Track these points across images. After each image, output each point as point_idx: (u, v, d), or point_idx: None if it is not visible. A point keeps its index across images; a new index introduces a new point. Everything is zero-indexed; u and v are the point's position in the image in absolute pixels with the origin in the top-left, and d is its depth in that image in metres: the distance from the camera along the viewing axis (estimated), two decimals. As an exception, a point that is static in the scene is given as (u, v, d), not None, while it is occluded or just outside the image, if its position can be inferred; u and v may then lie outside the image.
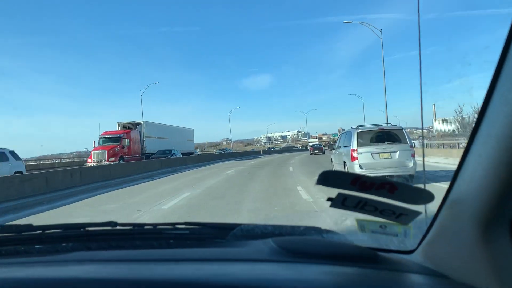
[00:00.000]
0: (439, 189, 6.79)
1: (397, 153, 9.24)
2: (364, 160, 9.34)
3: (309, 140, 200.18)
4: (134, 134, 31.74)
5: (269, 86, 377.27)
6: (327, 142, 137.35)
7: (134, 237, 1.24)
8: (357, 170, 9.24)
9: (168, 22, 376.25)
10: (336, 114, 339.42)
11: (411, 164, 9.20)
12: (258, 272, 0.94)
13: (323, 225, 1.27)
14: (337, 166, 11.46)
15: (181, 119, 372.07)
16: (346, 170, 9.68)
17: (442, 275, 0.90)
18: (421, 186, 0.87)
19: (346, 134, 10.93)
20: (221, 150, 73.97)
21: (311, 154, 41.35)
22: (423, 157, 3.89)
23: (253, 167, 22.87)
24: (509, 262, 0.77)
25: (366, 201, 0.90)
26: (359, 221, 1.04)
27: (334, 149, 13.36)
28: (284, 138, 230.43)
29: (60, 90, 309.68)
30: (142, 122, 34.16)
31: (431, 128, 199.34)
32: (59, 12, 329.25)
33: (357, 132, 9.61)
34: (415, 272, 0.96)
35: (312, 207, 7.35)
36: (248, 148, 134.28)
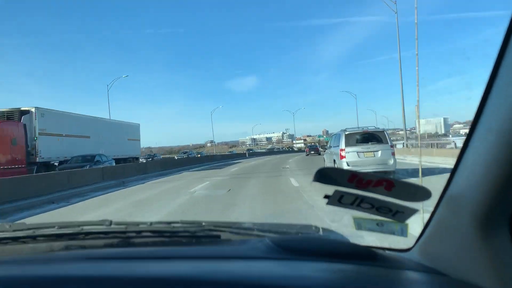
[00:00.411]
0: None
1: (380, 152, 10.48)
2: (351, 158, 10.52)
3: (294, 142, 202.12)
4: (10, 128, 18.87)
5: (254, 88, 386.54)
6: (312, 143, 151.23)
7: (129, 235, 1.23)
8: (345, 167, 10.26)
9: (154, 24, 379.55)
10: (320, 115, 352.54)
11: (391, 162, 10.47)
12: (254, 269, 0.94)
13: (321, 225, 1.25)
14: (329, 164, 12.64)
15: (165, 120, 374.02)
16: (336, 167, 10.27)
17: (439, 272, 0.90)
18: (418, 183, 0.87)
19: (335, 136, 12.19)
20: (184, 153, 56.65)
21: (307, 155, 41.34)
22: (420, 156, 3.85)
23: (235, 177, 16.19)
24: (508, 258, 0.77)
25: (363, 198, 0.90)
26: (356, 219, 1.04)
27: (326, 149, 15.04)
28: (269, 139, 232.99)
29: (41, 93, 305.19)
30: (33, 110, 20.80)
31: (414, 129, 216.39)
32: (42, 12, 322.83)
33: (345, 134, 10.86)
34: (412, 269, 0.96)
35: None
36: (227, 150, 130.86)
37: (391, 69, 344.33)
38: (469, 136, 0.81)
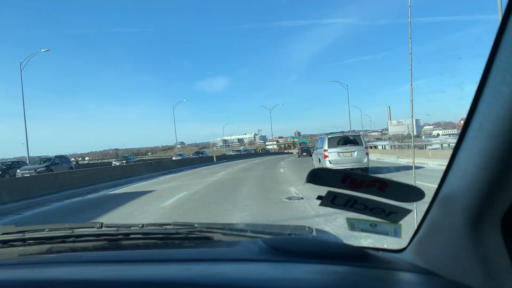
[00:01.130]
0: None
1: (356, 152, 13.24)
2: (332, 158, 13.28)
3: (267, 143, 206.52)
4: None
5: (226, 89, 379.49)
6: (285, 145, 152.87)
7: (121, 238, 1.23)
8: (328, 164, 13.27)
9: (122, 23, 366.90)
10: (291, 117, 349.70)
11: (365, 160, 13.32)
12: (246, 272, 0.94)
13: (314, 225, 1.22)
14: (316, 163, 15.61)
15: (134, 121, 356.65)
16: (320, 165, 13.99)
17: (433, 273, 0.91)
18: (412, 183, 0.88)
19: (321, 139, 15.02)
20: (124, 157, 42.99)
21: (299, 156, 41.59)
22: (413, 157, 3.73)
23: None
24: (500, 259, 0.78)
25: (356, 199, 0.91)
26: (349, 220, 1.05)
27: (313, 150, 18.82)
28: (241, 141, 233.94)
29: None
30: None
31: (386, 130, 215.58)
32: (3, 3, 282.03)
33: (328, 138, 13.79)
34: (405, 270, 0.97)
35: None
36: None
37: (360, 71, 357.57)
38: (461, 136, 0.82)
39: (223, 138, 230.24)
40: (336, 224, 5.34)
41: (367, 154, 13.68)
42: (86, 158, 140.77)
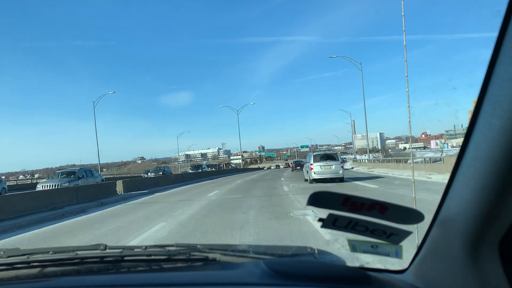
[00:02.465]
0: (361, 185, 12.43)
1: (333, 166, 17.89)
2: (317, 170, 17.89)
3: (231, 158, 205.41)
4: None
5: (189, 103, 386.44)
6: (252, 159, 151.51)
7: (125, 260, 1.24)
8: (313, 175, 18.00)
9: (82, 36, 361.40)
10: (255, 132, 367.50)
11: (341, 172, 18.05)
12: None
13: (315, 245, 1.29)
14: (305, 174, 20.66)
15: (94, 136, 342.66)
16: (308, 175, 18.78)
17: None
18: (412, 206, 0.92)
19: (309, 156, 19.96)
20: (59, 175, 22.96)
21: (293, 170, 42.90)
22: (413, 173, 3.19)
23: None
24: (498, 282, 0.82)
25: (357, 221, 0.94)
26: (350, 241, 1.08)
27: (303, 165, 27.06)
28: (204, 155, 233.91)
29: None
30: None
31: (350, 144, 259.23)
32: None
33: (313, 155, 18.76)
34: None
35: None
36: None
37: (321, 88, 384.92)
38: (457, 162, 0.86)
39: (185, 153, 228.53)
40: (337, 245, 5.05)
41: (342, 167, 18.66)
42: (36, 175, 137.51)
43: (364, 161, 50.32)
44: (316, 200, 0.90)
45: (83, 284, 1.12)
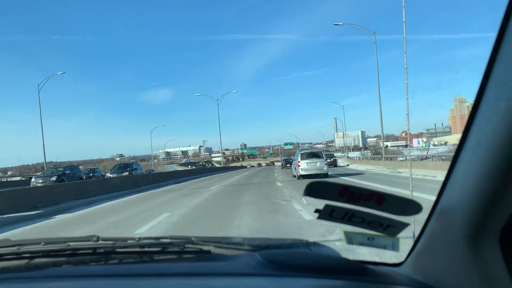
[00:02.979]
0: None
1: (318, 163, 19.95)
2: (303, 166, 19.89)
3: (212, 155, 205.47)
4: None
5: (170, 100, 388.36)
6: (233, 157, 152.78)
7: (117, 251, 1.24)
8: (300, 171, 19.95)
9: (59, 30, 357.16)
10: (237, 130, 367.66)
11: (325, 168, 20.16)
12: (243, 286, 0.97)
13: (311, 238, 1.27)
14: (293, 171, 22.68)
15: (73, 132, 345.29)
16: (296, 171, 20.82)
17: (431, 287, 0.95)
18: (409, 197, 0.91)
19: (297, 154, 22.01)
20: None
21: (283, 168, 45.06)
22: (410, 168, 4.00)
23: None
24: (499, 272, 0.81)
25: (354, 212, 0.93)
26: (346, 233, 1.07)
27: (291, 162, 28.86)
28: (185, 153, 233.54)
29: None
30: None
31: (331, 142, 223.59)
32: None
33: (301, 153, 20.90)
34: (403, 284, 1.01)
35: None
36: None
37: (303, 86, 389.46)
38: (459, 149, 0.85)
39: (165, 150, 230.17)
40: (333, 237, 5.19)
41: (326, 164, 21.08)
42: (9, 173, 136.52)
43: (355, 158, 52.06)
44: (312, 190, 0.89)
45: (75, 275, 1.12)
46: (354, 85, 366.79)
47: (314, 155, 21.26)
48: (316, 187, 0.89)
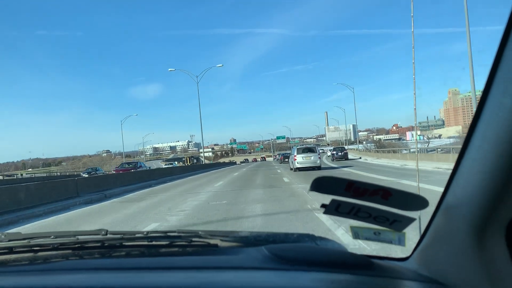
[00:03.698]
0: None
1: (312, 157, 22.67)
2: (299, 160, 22.67)
3: (201, 151, 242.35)
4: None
5: (158, 96, 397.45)
6: (222, 152, 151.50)
7: (125, 245, 1.27)
8: (296, 164, 22.84)
9: (46, 25, 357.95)
10: (226, 124, 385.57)
11: (318, 162, 22.89)
12: (250, 280, 0.99)
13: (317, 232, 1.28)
14: (290, 164, 26.02)
15: (56, 129, 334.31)
16: (293, 165, 23.68)
17: (437, 281, 0.97)
18: (416, 192, 0.93)
19: (293, 149, 25.00)
20: None
21: (281, 163, 47.75)
22: (417, 162, 4.86)
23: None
24: (505, 267, 0.83)
25: (360, 207, 0.95)
26: (353, 228, 1.09)
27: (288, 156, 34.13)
28: (173, 148, 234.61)
29: None
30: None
31: (322, 136, 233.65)
32: None
33: (297, 148, 23.88)
34: (409, 279, 1.03)
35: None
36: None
37: (293, 80, 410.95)
38: (465, 145, 0.86)
39: (153, 146, 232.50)
40: (339, 232, 5.31)
41: (319, 158, 23.81)
42: None
43: (361, 151, 53.01)
44: (319, 185, 0.90)
45: (83, 267, 1.17)
46: (342, 79, 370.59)
47: (309, 150, 24.17)
48: (323, 182, 0.91)
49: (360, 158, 42.66)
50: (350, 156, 45.60)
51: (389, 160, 31.16)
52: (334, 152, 43.97)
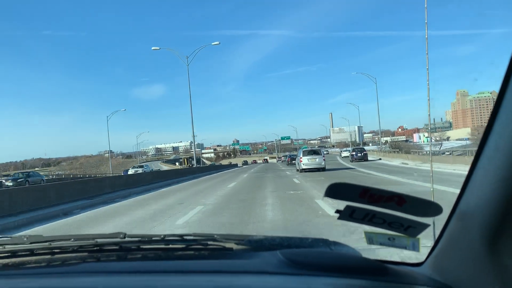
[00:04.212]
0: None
1: (317, 159, 24.63)
2: (305, 162, 24.56)
3: (202, 151, 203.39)
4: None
5: (162, 96, 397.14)
6: (225, 153, 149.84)
7: (143, 248, 1.31)
8: (302, 166, 24.75)
9: (51, 25, 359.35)
10: (230, 126, 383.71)
11: (323, 163, 24.69)
12: (265, 285, 1.02)
13: (331, 237, 1.36)
14: (296, 165, 28.19)
15: (59, 129, 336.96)
16: (298, 166, 26.01)
17: (450, 287, 0.99)
18: (430, 198, 0.95)
19: (299, 151, 27.77)
20: None
21: (288, 164, 47.88)
22: (431, 165, 3.12)
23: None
24: None
25: (374, 213, 0.97)
26: (367, 234, 1.12)
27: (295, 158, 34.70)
28: (175, 149, 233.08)
29: None
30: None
31: (326, 138, 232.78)
32: None
33: (302, 151, 25.99)
34: (423, 285, 1.05)
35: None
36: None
37: (296, 82, 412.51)
38: (478, 153, 0.89)
39: (155, 146, 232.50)
40: (353, 237, 5.34)
41: (324, 159, 25.60)
42: None
43: (376, 152, 52.54)
44: (333, 191, 0.92)
45: (102, 270, 1.20)
46: (348, 81, 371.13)
47: (314, 152, 26.26)
48: (337, 189, 0.93)
49: (380, 159, 41.76)
50: (370, 158, 44.27)
51: (412, 162, 30.69)
52: (354, 153, 42.33)
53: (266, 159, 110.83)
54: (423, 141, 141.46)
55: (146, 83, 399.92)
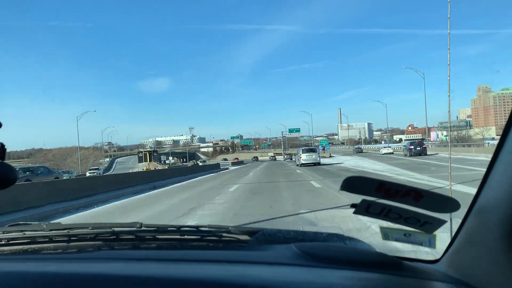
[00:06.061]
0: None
1: (314, 155, 33.84)
2: (304, 158, 33.55)
3: (201, 145, 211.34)
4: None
5: (167, 90, 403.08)
6: (224, 147, 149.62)
7: (158, 238, 1.38)
8: (301, 161, 33.77)
9: (58, 16, 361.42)
10: (233, 121, 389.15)
11: (319, 159, 34.22)
12: (281, 275, 1.06)
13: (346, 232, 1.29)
14: (296, 161, 38.50)
15: (65, 121, 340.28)
16: (298, 162, 35.55)
17: (467, 284, 1.01)
18: (447, 194, 0.97)
19: (299, 150, 37.74)
20: None
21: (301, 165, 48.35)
22: (449, 161, 4.53)
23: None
24: None
25: (391, 208, 1.00)
26: (382, 229, 1.15)
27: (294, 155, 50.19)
28: (176, 142, 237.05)
29: None
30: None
31: (333, 135, 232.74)
32: None
33: (301, 149, 36.01)
34: (439, 281, 1.08)
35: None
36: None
37: (301, 78, 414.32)
38: (498, 148, 0.91)
39: (155, 139, 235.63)
40: (368, 232, 5.47)
41: (319, 156, 34.88)
42: None
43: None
44: (349, 185, 0.95)
45: (117, 257, 1.26)
46: (355, 78, 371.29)
47: (311, 150, 35.44)
48: (353, 182, 0.96)
49: (437, 154, 40.71)
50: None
51: (483, 154, 29.23)
52: (412, 147, 39.68)
53: (274, 157, 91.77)
54: (441, 140, 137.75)
55: (151, 76, 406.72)
